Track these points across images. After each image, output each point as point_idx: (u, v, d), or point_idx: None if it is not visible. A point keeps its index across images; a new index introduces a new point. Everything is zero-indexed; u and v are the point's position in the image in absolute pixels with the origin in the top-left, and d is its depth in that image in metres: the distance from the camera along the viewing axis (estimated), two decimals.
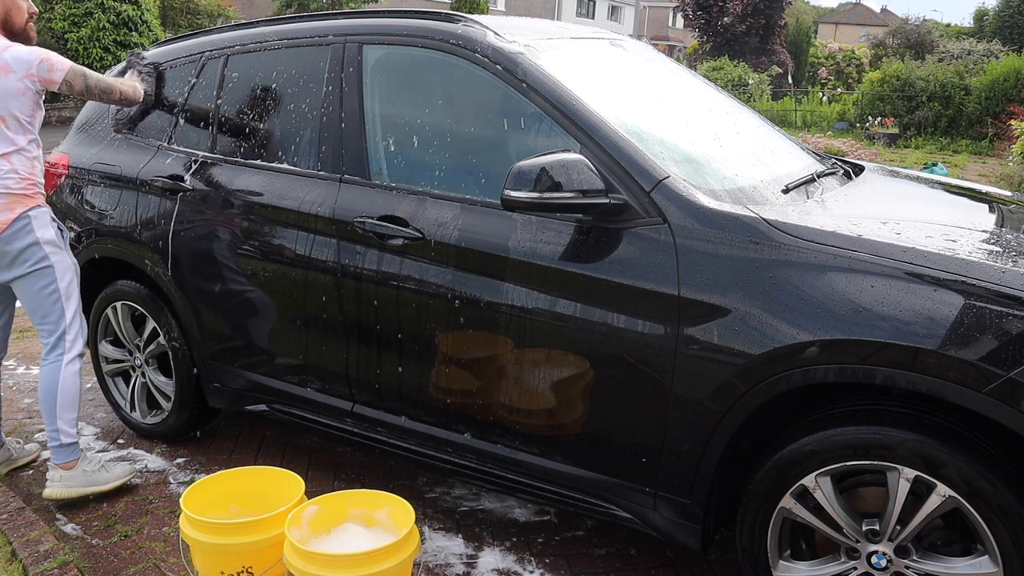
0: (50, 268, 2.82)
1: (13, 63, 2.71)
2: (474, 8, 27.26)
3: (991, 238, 2.24)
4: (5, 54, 2.72)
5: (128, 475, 3.04)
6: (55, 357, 2.87)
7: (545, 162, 2.16)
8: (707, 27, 26.15)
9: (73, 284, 2.90)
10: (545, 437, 2.41)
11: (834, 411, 2.03)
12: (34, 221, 2.79)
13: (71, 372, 2.87)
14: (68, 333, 2.87)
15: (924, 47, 26.13)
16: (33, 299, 2.85)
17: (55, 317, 2.86)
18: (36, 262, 2.80)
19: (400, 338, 2.60)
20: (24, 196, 2.77)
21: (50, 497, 2.90)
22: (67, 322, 2.87)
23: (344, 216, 2.66)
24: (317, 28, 2.90)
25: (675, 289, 2.10)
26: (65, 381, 2.86)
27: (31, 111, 2.79)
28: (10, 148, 2.74)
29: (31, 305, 2.87)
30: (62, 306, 2.86)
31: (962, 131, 16.36)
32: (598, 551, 2.71)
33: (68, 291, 2.87)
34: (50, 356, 2.88)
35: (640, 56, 3.16)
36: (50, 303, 2.85)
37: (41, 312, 2.86)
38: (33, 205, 2.80)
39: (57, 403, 2.85)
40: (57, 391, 2.84)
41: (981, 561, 1.86)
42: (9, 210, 2.75)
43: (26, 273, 2.81)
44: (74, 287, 2.90)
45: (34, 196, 2.81)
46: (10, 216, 2.75)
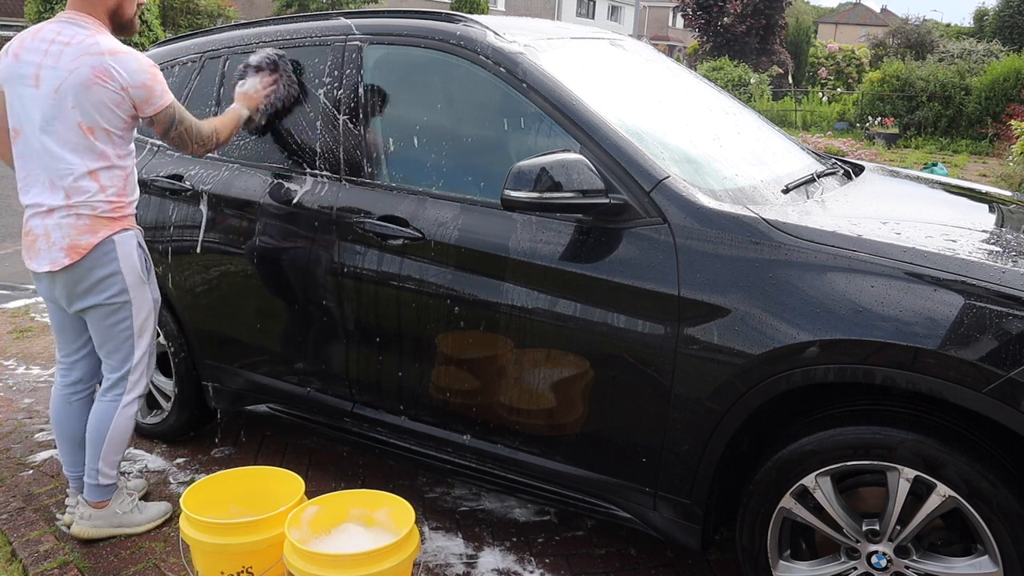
0: (127, 304, 2.53)
1: (114, 71, 2.37)
2: (474, 8, 27.24)
3: (991, 238, 2.24)
4: (108, 59, 2.36)
5: (164, 515, 2.82)
6: (113, 396, 2.62)
7: (545, 162, 2.16)
8: (707, 27, 26.16)
9: (149, 321, 2.61)
10: (545, 437, 2.41)
11: (834, 411, 2.03)
12: (119, 248, 2.48)
13: (126, 416, 2.63)
14: (132, 373, 2.61)
15: (924, 47, 26.14)
16: (103, 333, 2.57)
17: (123, 355, 2.60)
18: (113, 295, 2.51)
19: (400, 338, 2.60)
20: (111, 219, 2.46)
21: (77, 535, 2.69)
22: (134, 362, 2.60)
23: (344, 216, 2.66)
24: (317, 28, 2.90)
25: (675, 289, 2.10)
26: (118, 424, 2.62)
27: (123, 124, 2.45)
28: (98, 164, 2.42)
29: (100, 338, 2.60)
30: (132, 344, 2.59)
31: (962, 131, 16.37)
32: (598, 551, 2.71)
33: (142, 329, 2.59)
34: (108, 394, 2.63)
35: (640, 56, 3.16)
36: (120, 339, 2.57)
37: (109, 347, 2.60)
38: (120, 228, 2.48)
39: (105, 444, 2.61)
40: (108, 432, 2.60)
41: (981, 561, 1.86)
42: (92, 233, 2.44)
43: (100, 304, 2.52)
44: (149, 324, 2.62)
45: (122, 218, 2.49)
46: (93, 240, 2.44)
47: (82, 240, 2.42)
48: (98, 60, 2.35)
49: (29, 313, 5.41)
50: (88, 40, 2.37)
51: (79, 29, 2.40)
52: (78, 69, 2.34)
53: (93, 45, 2.36)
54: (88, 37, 2.38)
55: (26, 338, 4.85)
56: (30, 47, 2.42)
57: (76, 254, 2.43)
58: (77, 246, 2.42)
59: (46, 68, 2.37)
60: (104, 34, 2.42)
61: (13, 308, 5.55)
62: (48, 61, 2.37)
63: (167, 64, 3.35)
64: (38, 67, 2.38)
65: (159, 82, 2.44)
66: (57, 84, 2.35)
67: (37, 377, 4.22)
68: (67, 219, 2.42)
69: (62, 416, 2.72)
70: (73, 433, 2.72)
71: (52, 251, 2.44)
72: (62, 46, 2.37)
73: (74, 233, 2.42)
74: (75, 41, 2.37)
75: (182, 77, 3.27)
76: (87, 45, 2.36)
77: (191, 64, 3.26)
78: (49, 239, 2.43)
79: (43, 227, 2.44)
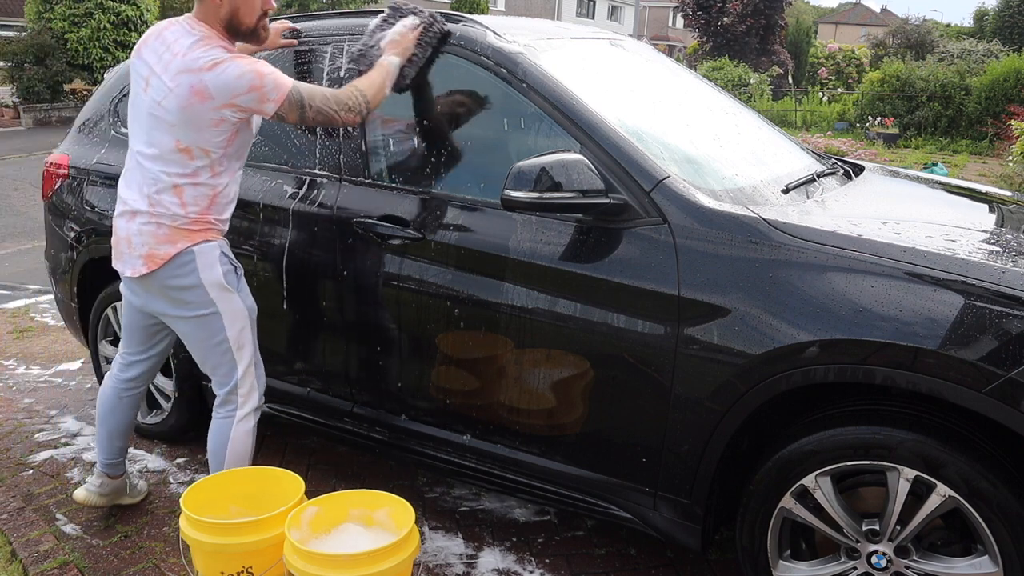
0: (216, 315, 2.42)
1: (213, 89, 2.25)
2: (474, 8, 27.25)
3: (991, 238, 2.24)
4: (206, 76, 2.25)
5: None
6: (226, 413, 2.52)
7: (545, 162, 2.17)
8: (707, 27, 26.15)
9: (245, 332, 2.48)
10: (545, 437, 2.41)
11: (834, 411, 2.03)
12: (199, 259, 2.39)
13: (243, 431, 2.52)
14: (241, 387, 2.50)
15: (924, 47, 26.13)
16: (200, 349, 2.49)
17: (226, 369, 2.49)
18: (199, 307, 2.41)
19: (400, 338, 2.60)
20: (190, 231, 2.38)
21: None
22: (239, 375, 2.49)
23: (344, 216, 2.66)
24: (317, 28, 2.90)
25: (675, 289, 2.10)
26: (236, 441, 2.52)
27: (224, 144, 2.36)
28: (185, 180, 2.35)
29: (199, 355, 2.52)
30: (232, 358, 2.47)
31: (962, 131, 16.36)
32: (598, 551, 2.71)
33: (239, 340, 2.47)
34: (221, 410, 2.54)
35: (640, 56, 3.16)
36: (218, 354, 2.47)
37: (211, 363, 2.50)
38: (200, 240, 2.40)
39: (225, 463, 2.53)
40: (226, 451, 2.51)
41: (981, 561, 1.86)
42: (171, 243, 2.37)
43: (187, 317, 2.43)
44: (247, 335, 2.49)
45: (203, 230, 2.41)
46: (171, 250, 2.37)
47: (160, 250, 2.37)
48: (196, 79, 2.26)
49: (29, 313, 5.41)
50: (191, 54, 2.28)
51: (190, 39, 2.32)
52: (178, 88, 2.28)
53: (194, 60, 2.27)
54: (192, 50, 2.29)
55: (26, 338, 4.85)
56: (152, 47, 2.39)
57: (154, 263, 2.39)
58: (155, 255, 2.38)
59: (155, 77, 2.34)
60: (210, 45, 2.30)
61: (13, 308, 5.55)
62: (158, 69, 2.33)
63: None
64: (150, 72, 2.36)
65: (266, 76, 2.27)
66: (160, 97, 2.32)
67: (37, 377, 4.22)
68: (148, 227, 2.38)
69: (110, 408, 2.74)
70: (116, 424, 2.75)
71: (132, 258, 2.42)
72: (171, 56, 2.31)
73: (153, 242, 2.38)
74: (181, 53, 2.29)
75: None
76: (189, 60, 2.27)
77: None
78: (130, 244, 2.42)
79: (126, 231, 2.42)
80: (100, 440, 2.78)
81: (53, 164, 3.55)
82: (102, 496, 2.81)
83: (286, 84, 2.30)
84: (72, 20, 18.55)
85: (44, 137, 16.35)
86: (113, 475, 2.83)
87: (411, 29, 2.55)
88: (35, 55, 18.44)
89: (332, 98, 2.35)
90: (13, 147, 15.02)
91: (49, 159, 3.61)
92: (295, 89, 2.31)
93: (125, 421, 2.77)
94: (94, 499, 2.80)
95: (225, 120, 2.31)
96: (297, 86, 2.32)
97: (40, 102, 18.88)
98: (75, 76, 19.03)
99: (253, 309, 2.53)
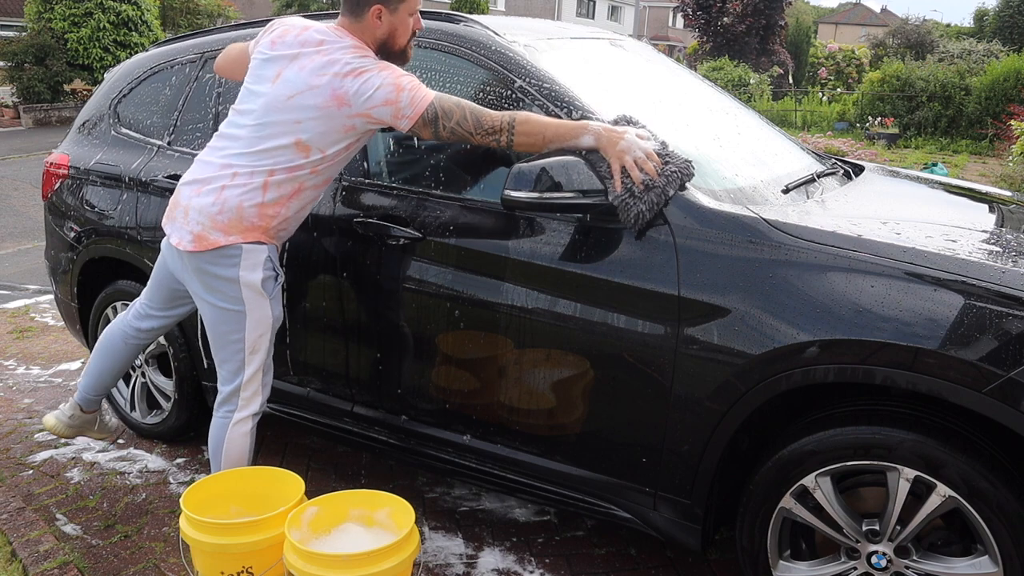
0: (241, 313, 2.40)
1: (353, 97, 2.23)
2: (474, 8, 27.25)
3: (991, 238, 2.24)
4: (349, 82, 2.22)
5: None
6: (224, 412, 2.51)
7: (545, 162, 2.17)
8: (707, 27, 26.13)
9: (264, 338, 2.45)
10: (545, 437, 2.41)
11: (834, 411, 2.03)
12: (245, 256, 2.36)
13: (239, 433, 2.50)
14: (244, 390, 2.48)
15: (924, 47, 26.13)
16: (216, 338, 2.47)
17: (233, 368, 2.47)
18: (229, 300, 2.40)
19: (400, 338, 2.60)
20: (248, 226, 2.35)
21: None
22: (245, 378, 2.47)
23: (344, 216, 2.66)
24: None
25: (675, 289, 2.10)
26: (231, 443, 2.50)
27: (345, 148, 2.35)
28: (281, 172, 2.31)
29: (214, 343, 2.49)
30: (243, 359, 2.45)
31: (962, 131, 16.36)
32: (598, 551, 2.71)
33: (256, 344, 2.45)
34: (220, 409, 2.51)
35: (640, 56, 3.16)
36: (231, 351, 2.45)
37: (221, 356, 2.49)
38: (252, 239, 2.36)
39: (223, 465, 2.52)
40: (222, 452, 2.51)
41: (981, 561, 1.86)
42: (224, 232, 2.33)
43: (215, 305, 2.42)
44: (264, 342, 2.46)
45: (262, 229, 2.37)
46: (221, 240, 2.34)
47: (211, 236, 2.34)
48: (339, 83, 2.24)
49: (29, 313, 5.41)
50: (342, 59, 2.26)
51: (339, 46, 2.29)
52: (317, 88, 2.25)
53: (343, 66, 2.25)
54: (342, 55, 2.27)
55: (26, 338, 4.85)
56: (290, 41, 2.34)
57: (201, 245, 2.35)
58: (205, 238, 2.35)
59: (291, 70, 2.30)
60: (360, 53, 2.29)
61: (13, 308, 5.56)
62: (296, 64, 2.30)
63: (166, 64, 3.35)
64: (284, 66, 2.32)
65: (405, 90, 2.22)
66: (292, 92, 2.28)
67: (37, 377, 4.22)
68: (212, 208, 2.33)
69: (111, 348, 2.81)
70: (111, 365, 2.83)
71: (183, 229, 2.38)
72: (313, 58, 2.28)
73: (209, 224, 2.34)
74: (329, 58, 2.27)
75: (181, 78, 3.27)
76: (338, 65, 2.25)
77: (191, 64, 3.26)
78: (187, 215, 2.37)
79: (188, 199, 2.38)
80: (88, 372, 2.87)
81: (53, 164, 3.55)
82: (70, 427, 2.95)
83: (424, 101, 2.23)
84: (72, 20, 18.56)
85: (44, 137, 16.36)
86: (87, 409, 2.96)
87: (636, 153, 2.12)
88: (35, 55, 18.45)
89: (472, 117, 2.24)
90: (13, 147, 15.03)
91: (49, 159, 3.61)
92: (432, 107, 2.23)
93: (120, 365, 2.84)
94: (62, 428, 2.93)
95: (355, 128, 2.30)
96: (437, 103, 2.24)
97: (40, 102, 18.89)
98: (75, 76, 19.04)
99: (279, 319, 2.50)
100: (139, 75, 3.45)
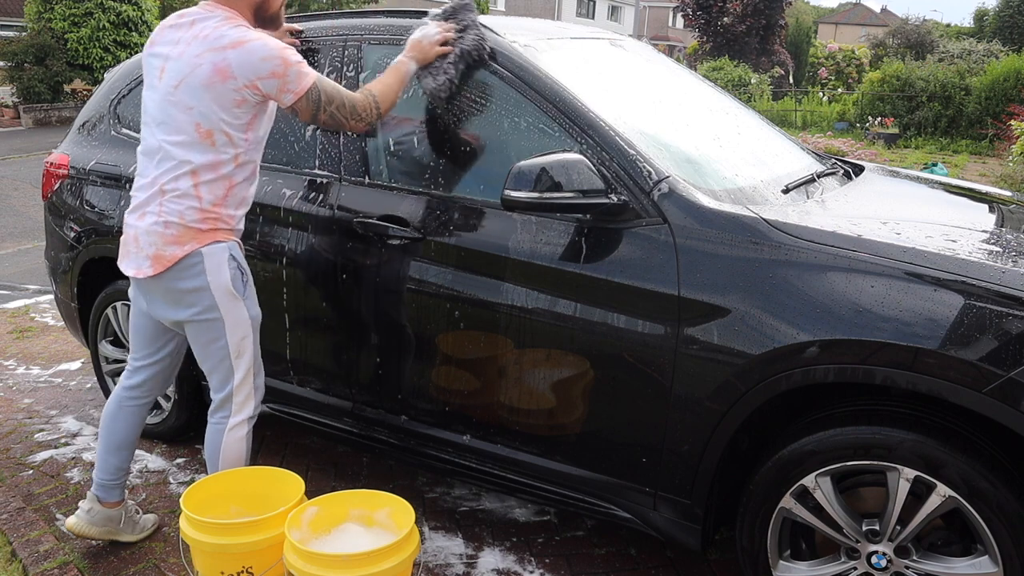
0: (218, 321, 2.37)
1: (236, 68, 2.19)
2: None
3: (991, 238, 2.24)
4: (231, 54, 2.19)
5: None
6: (219, 419, 2.48)
7: (545, 162, 2.17)
8: (707, 27, 26.14)
9: (247, 340, 2.43)
10: (545, 437, 2.41)
11: (834, 411, 2.03)
12: (207, 260, 2.32)
13: (235, 438, 2.47)
14: (236, 395, 2.45)
15: (924, 47, 26.13)
16: (200, 350, 2.45)
17: (223, 375, 2.44)
18: (203, 310, 2.35)
19: (400, 338, 2.60)
20: (199, 230, 2.30)
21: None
22: (235, 383, 2.44)
23: (344, 216, 2.66)
24: (317, 28, 2.90)
25: (675, 289, 2.10)
26: (228, 448, 2.47)
27: (245, 127, 2.29)
28: (205, 166, 2.28)
29: (199, 355, 2.47)
30: (230, 364, 2.42)
31: (962, 131, 16.36)
32: (598, 551, 2.71)
33: (240, 348, 2.42)
34: (215, 416, 2.49)
35: (640, 56, 3.16)
36: (217, 359, 2.42)
37: (208, 366, 2.46)
38: (209, 241, 2.32)
39: (220, 470, 2.49)
40: (219, 458, 2.48)
41: (981, 561, 1.86)
42: (178, 244, 2.29)
43: (190, 320, 2.38)
44: (248, 344, 2.43)
45: (213, 231, 2.33)
46: (178, 252, 2.30)
47: (167, 251, 2.30)
48: (220, 56, 2.20)
49: (29, 313, 5.41)
50: (214, 33, 2.23)
51: (212, 21, 2.27)
52: (199, 67, 2.22)
53: (219, 39, 2.22)
54: (215, 29, 2.24)
55: (26, 338, 4.85)
56: (165, 38, 2.33)
57: (160, 265, 2.31)
58: (162, 257, 2.31)
59: (172, 61, 2.28)
60: (235, 25, 2.26)
61: (13, 308, 5.56)
62: (175, 53, 2.27)
63: None
64: (166, 59, 2.30)
65: (292, 65, 2.22)
66: (177, 80, 2.25)
67: (37, 377, 4.22)
68: (156, 226, 2.30)
69: (109, 416, 2.62)
70: (112, 436, 2.61)
71: (139, 257, 2.35)
72: (192, 38, 2.26)
73: (160, 243, 2.30)
74: (203, 35, 2.24)
75: None
76: (213, 39, 2.22)
77: None
78: (138, 244, 2.35)
79: (135, 229, 2.35)
80: (99, 455, 2.64)
81: (53, 164, 3.55)
82: (93, 526, 2.62)
83: (308, 79, 2.25)
84: (72, 20, 18.57)
85: (44, 137, 16.37)
86: (106, 500, 2.64)
87: (434, 41, 2.48)
88: (35, 55, 18.45)
89: (348, 105, 2.32)
90: (13, 147, 15.03)
91: (49, 159, 3.61)
92: (315, 88, 2.26)
93: (124, 435, 2.62)
94: (84, 527, 2.61)
95: (246, 101, 2.25)
96: (319, 85, 2.27)
97: (40, 102, 18.90)
98: (75, 76, 19.05)
99: (257, 318, 2.47)
100: (139, 75, 3.45)
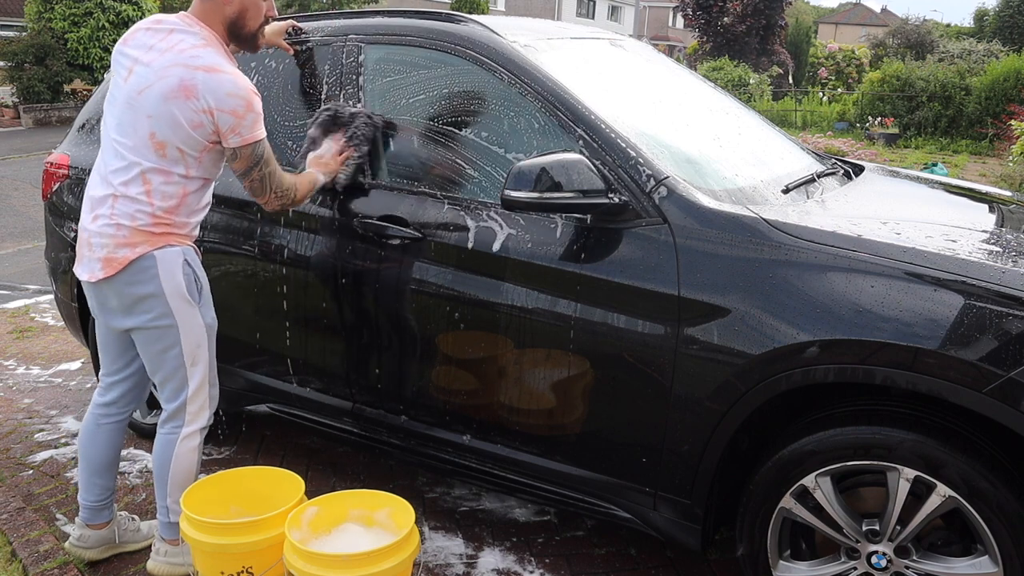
0: (172, 328, 2.29)
1: (203, 90, 2.16)
2: (474, 8, 27.27)
3: (991, 238, 2.24)
4: (200, 75, 2.16)
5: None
6: (170, 429, 2.41)
7: (545, 162, 2.17)
8: (707, 27, 26.13)
9: (202, 348, 2.36)
10: (545, 437, 2.41)
11: (834, 411, 2.03)
12: (160, 265, 2.25)
13: (187, 448, 2.40)
14: (191, 404, 2.38)
15: (924, 47, 26.14)
16: (152, 359, 2.36)
17: (176, 385, 2.37)
18: (154, 317, 2.28)
19: (400, 338, 2.60)
20: (151, 233, 2.24)
21: (153, 572, 2.51)
22: (189, 392, 2.37)
23: (344, 216, 2.66)
24: (317, 28, 2.90)
25: (675, 289, 2.10)
26: (179, 459, 2.40)
27: (203, 147, 2.24)
28: (156, 171, 2.22)
29: (150, 365, 2.38)
30: (185, 373, 2.35)
31: (962, 131, 16.36)
32: (598, 551, 2.71)
33: (194, 355, 2.35)
34: (166, 426, 2.41)
35: (640, 56, 3.16)
36: (171, 368, 2.35)
37: (160, 376, 2.37)
38: (161, 244, 2.26)
39: (169, 480, 2.41)
40: (169, 469, 2.41)
41: (981, 561, 1.86)
42: (130, 247, 2.23)
43: (143, 327, 2.30)
44: (203, 351, 2.37)
45: (166, 235, 2.27)
46: (129, 255, 2.23)
47: (118, 253, 2.23)
48: (190, 74, 2.16)
49: (29, 313, 5.41)
50: (191, 51, 2.20)
51: (188, 36, 2.24)
52: (167, 79, 2.18)
53: (193, 58, 2.19)
54: (192, 48, 2.21)
55: (26, 338, 4.85)
56: (139, 40, 2.28)
57: (111, 268, 2.24)
58: (113, 259, 2.24)
59: (140, 66, 2.23)
60: (212, 48, 2.24)
61: (13, 308, 5.56)
62: (146, 59, 2.23)
63: None
64: (134, 62, 2.25)
65: (252, 113, 2.20)
66: (142, 86, 2.21)
67: (37, 377, 4.22)
68: (107, 227, 2.24)
69: (87, 437, 2.53)
70: (93, 458, 2.53)
71: (91, 260, 2.28)
72: (166, 48, 2.22)
73: (112, 244, 2.24)
74: (178, 48, 2.21)
75: None
76: (188, 56, 2.19)
77: None
78: (90, 247, 2.29)
79: (86, 233, 2.30)
80: (82, 479, 2.56)
81: (53, 164, 3.55)
82: (88, 549, 2.57)
83: (261, 133, 2.26)
84: (72, 20, 18.57)
85: (44, 137, 16.36)
86: (94, 523, 2.57)
87: (334, 154, 2.58)
88: (35, 55, 18.45)
89: (278, 177, 2.34)
90: (13, 147, 15.03)
91: (49, 159, 3.60)
92: (262, 144, 2.26)
93: (106, 456, 2.53)
94: (80, 552, 2.57)
95: (203, 126, 2.20)
96: (265, 144, 2.27)
97: (40, 102, 18.89)
98: (75, 76, 19.05)
99: (213, 325, 2.41)
100: None
